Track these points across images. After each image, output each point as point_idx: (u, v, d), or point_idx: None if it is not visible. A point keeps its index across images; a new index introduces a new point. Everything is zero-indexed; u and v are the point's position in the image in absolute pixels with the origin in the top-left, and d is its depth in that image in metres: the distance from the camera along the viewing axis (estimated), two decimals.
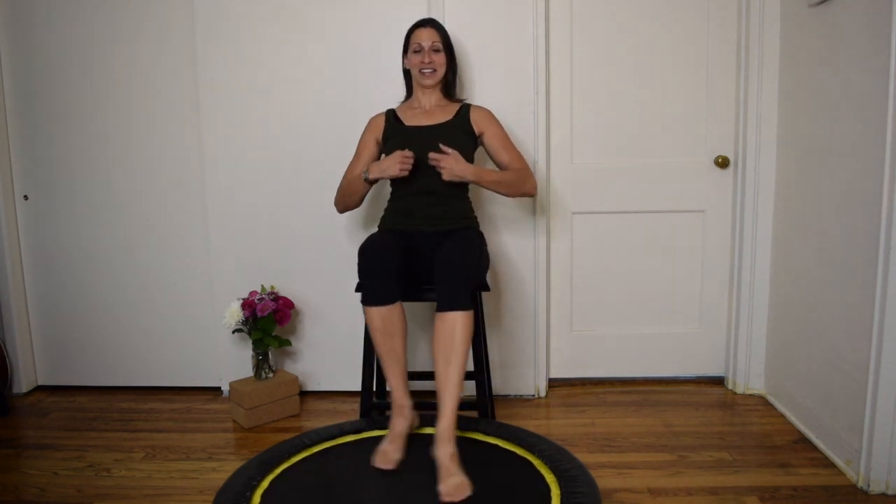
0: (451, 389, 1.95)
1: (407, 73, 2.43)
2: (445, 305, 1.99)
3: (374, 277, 2.07)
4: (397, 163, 2.18)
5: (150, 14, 2.78)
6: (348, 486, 2.00)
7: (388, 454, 1.98)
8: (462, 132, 2.32)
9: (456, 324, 1.97)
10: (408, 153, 2.18)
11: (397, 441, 2.01)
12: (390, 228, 2.32)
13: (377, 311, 2.07)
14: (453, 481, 1.84)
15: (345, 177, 2.40)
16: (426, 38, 2.31)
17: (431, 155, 2.17)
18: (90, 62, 2.83)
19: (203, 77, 2.73)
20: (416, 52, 2.32)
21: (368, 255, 2.10)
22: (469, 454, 2.05)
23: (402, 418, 2.05)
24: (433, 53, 2.31)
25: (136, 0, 2.77)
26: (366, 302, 2.09)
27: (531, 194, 2.37)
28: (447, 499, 1.81)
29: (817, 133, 2.34)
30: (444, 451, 1.89)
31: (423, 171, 2.25)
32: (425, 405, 2.62)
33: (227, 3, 2.69)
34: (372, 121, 2.42)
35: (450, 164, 2.16)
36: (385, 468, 1.96)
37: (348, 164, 2.41)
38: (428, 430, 2.25)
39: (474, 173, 2.22)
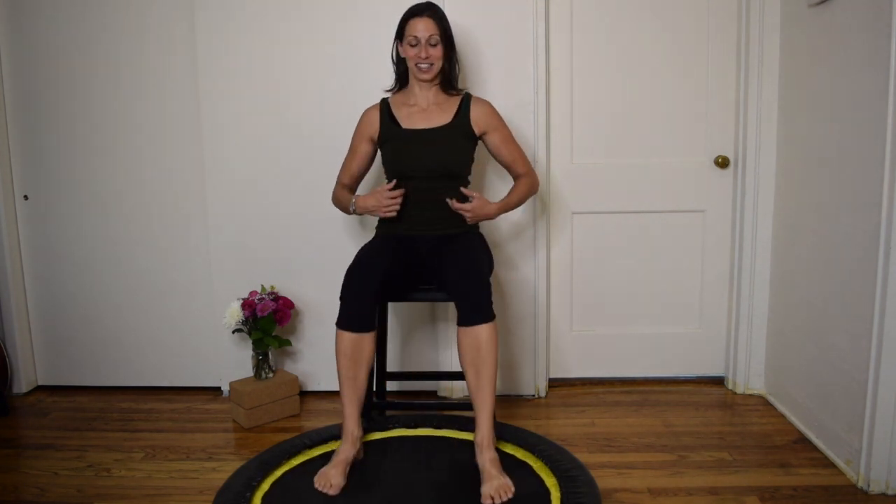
0: (485, 400, 1.99)
1: (400, 61, 2.31)
2: (468, 320, 1.99)
3: (352, 303, 2.05)
4: (382, 207, 2.17)
5: (150, 13, 2.77)
6: (348, 485, 2.00)
7: (331, 478, 1.96)
8: (461, 135, 2.27)
9: (480, 337, 1.98)
10: (393, 195, 2.16)
11: (341, 466, 1.99)
12: (388, 232, 2.30)
13: (349, 337, 2.05)
14: (495, 483, 1.89)
15: (339, 180, 2.39)
16: (423, 29, 2.18)
17: (455, 206, 2.15)
18: (90, 62, 2.83)
19: (203, 77, 2.73)
20: (411, 45, 2.20)
21: (354, 274, 2.08)
22: (469, 454, 2.05)
23: (350, 446, 2.04)
24: (430, 48, 2.19)
25: (136, 1, 2.77)
26: (340, 325, 2.07)
27: (534, 194, 2.39)
28: (488, 501, 1.86)
29: (817, 133, 2.34)
30: (486, 457, 1.94)
31: (420, 179, 2.23)
32: (406, 405, 2.64)
33: (228, 3, 2.69)
34: (365, 115, 2.34)
35: (476, 212, 2.17)
36: (327, 492, 1.93)
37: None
38: (421, 433, 2.25)
39: (499, 210, 2.25)
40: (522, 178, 2.34)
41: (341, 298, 2.08)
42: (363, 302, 2.05)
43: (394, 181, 2.20)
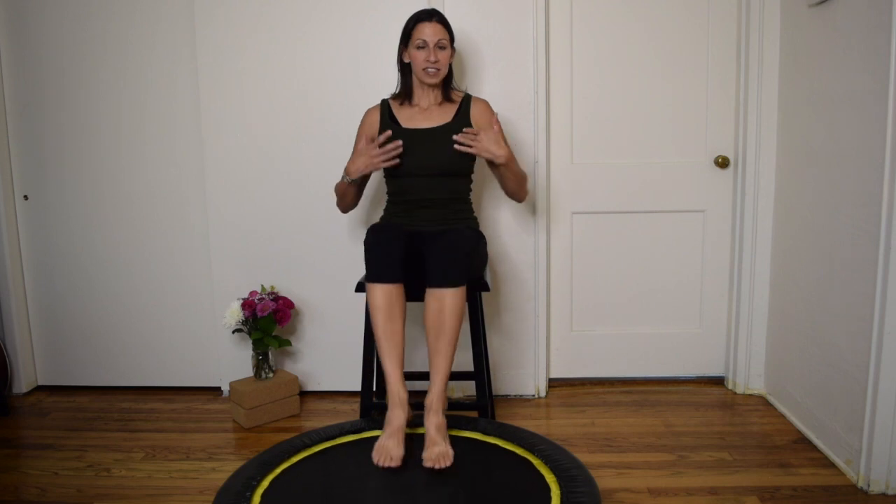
0: (440, 364, 1.95)
1: (404, 66, 2.30)
2: (434, 282, 1.96)
3: (382, 254, 2.01)
4: (374, 160, 2.14)
5: (149, 14, 2.77)
6: (348, 486, 2.00)
7: (390, 449, 1.88)
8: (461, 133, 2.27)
9: (444, 300, 1.94)
10: (373, 148, 2.13)
11: (397, 435, 1.89)
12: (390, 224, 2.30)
13: (381, 289, 1.99)
14: (437, 450, 1.86)
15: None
16: (431, 33, 2.18)
17: (465, 131, 2.13)
18: (90, 62, 2.83)
19: (204, 77, 2.73)
20: (419, 48, 2.19)
21: (377, 236, 2.06)
22: (469, 454, 2.05)
23: (400, 410, 1.93)
24: (439, 51, 2.19)
25: (136, 0, 2.77)
26: (371, 278, 2.00)
27: (522, 199, 2.38)
28: (429, 464, 1.84)
29: (817, 133, 2.34)
30: (431, 422, 1.90)
31: (420, 178, 2.23)
32: (414, 406, 2.63)
33: (229, 2, 2.69)
34: (366, 116, 2.35)
35: (482, 141, 2.12)
36: (388, 465, 1.85)
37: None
38: (421, 431, 2.25)
39: (508, 155, 2.18)
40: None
41: (368, 253, 2.03)
42: (392, 253, 2.01)
43: (387, 133, 2.17)
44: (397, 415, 1.93)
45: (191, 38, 2.74)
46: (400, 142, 2.16)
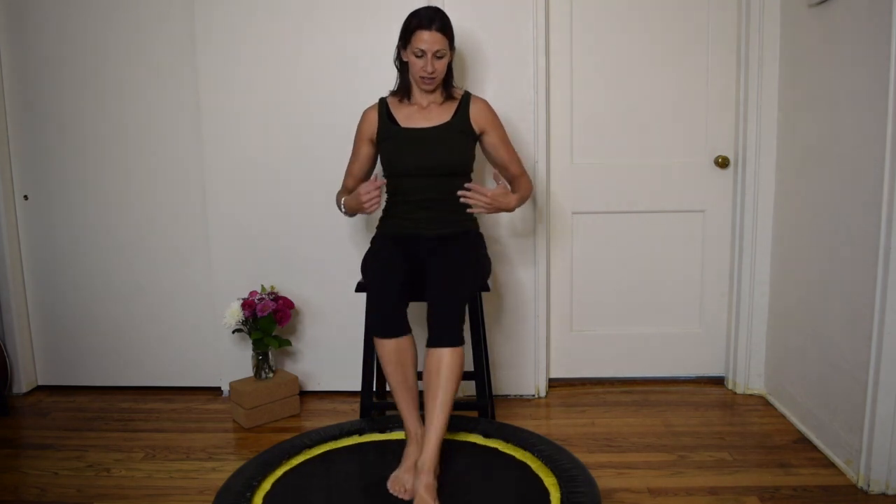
0: (433, 423, 1.92)
1: (402, 64, 2.26)
2: (434, 341, 1.98)
3: (384, 308, 2.04)
4: (363, 203, 2.12)
5: (149, 14, 2.77)
6: (348, 486, 2.00)
7: (405, 482, 1.92)
8: (460, 132, 2.25)
9: (442, 360, 1.95)
10: (366, 188, 2.10)
11: (412, 471, 1.93)
12: (388, 233, 2.30)
13: (389, 344, 2.04)
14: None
15: (343, 183, 2.40)
16: (430, 43, 2.13)
17: (475, 188, 2.09)
18: (90, 62, 2.83)
19: (203, 77, 2.73)
20: (417, 56, 2.15)
21: (377, 284, 2.07)
22: (469, 454, 2.05)
23: (416, 447, 1.99)
24: (436, 61, 2.15)
25: (137, 1, 2.77)
26: (377, 334, 2.05)
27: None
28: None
29: (817, 133, 2.34)
30: (421, 482, 1.86)
31: (419, 178, 2.23)
32: None
33: (229, 2, 2.69)
34: (365, 116, 2.33)
35: (497, 200, 2.11)
36: (402, 497, 1.89)
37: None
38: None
39: (518, 202, 2.22)
40: (521, 178, 2.34)
41: (371, 308, 2.07)
42: (395, 305, 2.04)
43: (374, 177, 2.16)
44: (414, 451, 1.99)
45: (191, 39, 2.73)
46: (382, 181, 2.15)
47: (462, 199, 2.09)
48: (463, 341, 1.99)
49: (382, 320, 2.04)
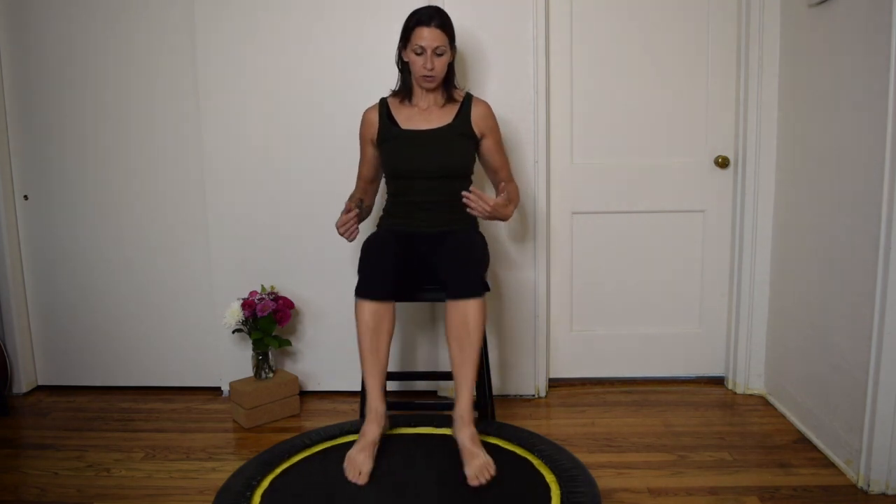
0: (466, 375, 1.95)
1: (403, 64, 2.26)
2: (456, 293, 1.96)
3: (373, 270, 2.03)
4: (342, 235, 2.15)
5: (149, 14, 2.77)
6: (348, 486, 2.00)
7: (360, 463, 1.89)
8: (461, 135, 2.25)
9: (468, 311, 1.95)
10: (340, 221, 2.13)
11: (369, 449, 1.92)
12: (389, 227, 2.30)
13: (370, 306, 2.01)
14: (477, 463, 1.87)
15: (356, 184, 2.42)
16: (430, 40, 2.13)
17: (476, 192, 2.06)
18: (90, 62, 2.83)
19: (203, 77, 2.73)
20: (417, 53, 2.16)
21: (371, 248, 2.07)
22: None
23: (375, 425, 1.96)
24: (436, 58, 2.16)
25: (137, 1, 2.77)
26: (360, 294, 2.02)
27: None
28: (474, 482, 1.84)
29: (817, 133, 2.34)
30: (465, 434, 1.91)
31: (420, 180, 2.23)
32: (406, 405, 2.64)
33: (228, 3, 2.69)
34: (365, 117, 2.32)
35: (497, 209, 2.09)
36: (355, 481, 1.86)
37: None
38: (421, 431, 2.25)
39: (512, 213, 2.24)
40: (509, 184, 2.34)
41: (361, 267, 2.05)
42: (384, 270, 2.03)
43: (346, 208, 2.16)
44: (372, 429, 1.96)
45: (191, 39, 2.74)
46: (356, 211, 2.15)
47: (464, 200, 2.08)
48: (484, 292, 1.99)
49: (369, 279, 2.01)
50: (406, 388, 2.88)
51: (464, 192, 2.06)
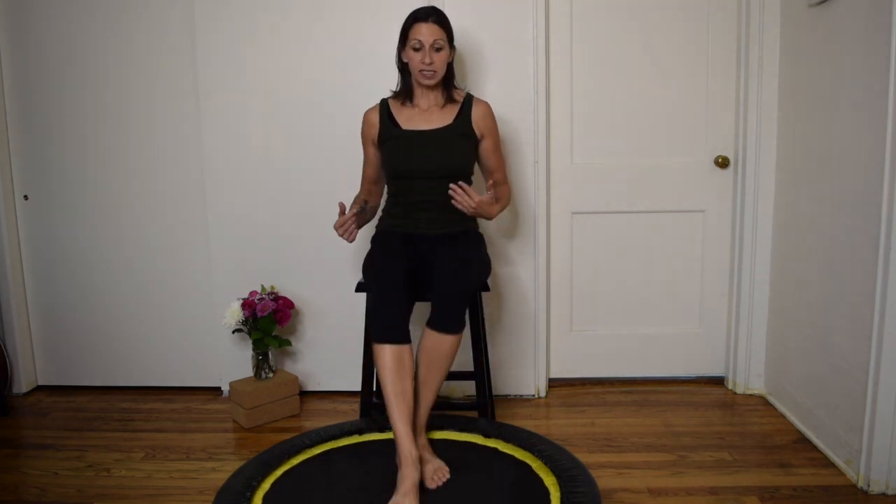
0: (427, 395, 2.08)
1: (403, 65, 2.26)
2: (439, 326, 2.03)
3: (389, 314, 2.00)
4: (341, 236, 2.16)
5: (149, 14, 2.77)
6: (348, 486, 2.00)
7: None
8: (461, 135, 2.25)
9: (444, 344, 2.04)
10: (338, 223, 2.13)
11: (412, 493, 1.84)
12: (388, 228, 2.30)
13: (390, 350, 1.99)
14: (430, 467, 1.97)
15: (361, 185, 2.42)
16: (427, 34, 2.14)
17: (464, 187, 2.07)
18: (90, 62, 2.83)
19: (203, 77, 2.73)
20: (415, 49, 2.16)
21: (379, 290, 2.03)
22: (469, 454, 2.05)
23: (412, 469, 1.87)
24: (434, 53, 2.16)
25: (136, 0, 2.77)
26: (379, 339, 2.00)
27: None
28: (431, 485, 1.93)
29: (817, 133, 2.34)
30: (419, 443, 2.02)
31: (420, 180, 2.23)
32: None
33: (228, 4, 2.69)
34: (366, 118, 2.32)
35: (482, 207, 2.09)
36: None
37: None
38: (436, 435, 2.25)
39: (499, 212, 2.26)
40: (503, 186, 2.34)
41: (374, 312, 2.02)
42: (397, 313, 2.02)
43: (342, 209, 2.16)
44: (410, 473, 1.87)
45: (191, 39, 2.73)
46: (352, 213, 2.15)
47: (450, 192, 2.07)
48: (463, 326, 2.07)
49: (384, 328, 2.00)
50: None
51: (451, 185, 2.07)
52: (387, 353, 1.99)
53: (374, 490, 1.93)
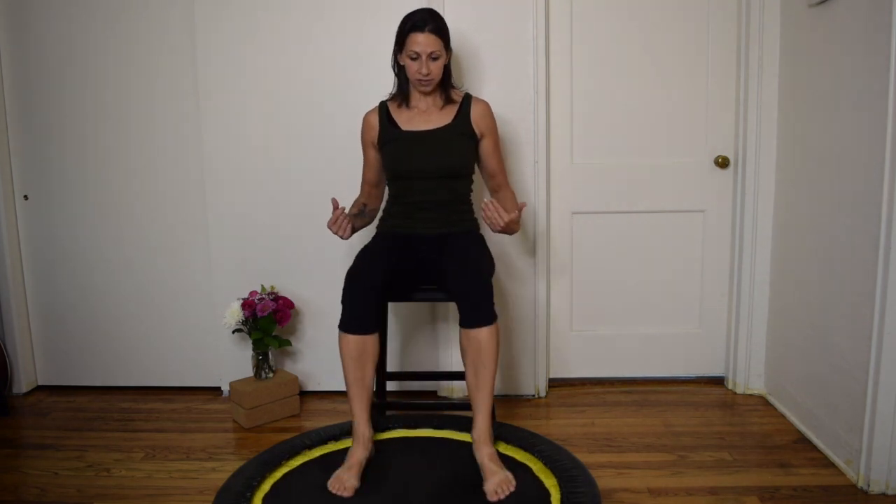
0: (483, 399, 2.00)
1: (400, 68, 2.25)
2: (470, 322, 1.99)
3: (354, 306, 2.04)
4: (336, 234, 2.16)
5: (149, 14, 2.77)
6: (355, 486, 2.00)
7: (345, 481, 1.93)
8: (461, 135, 2.24)
9: (481, 339, 1.98)
10: (331, 221, 2.14)
11: (355, 468, 1.97)
12: (388, 230, 2.30)
13: (353, 339, 2.05)
14: (496, 479, 1.90)
15: (361, 188, 2.41)
16: (424, 45, 2.12)
17: (497, 205, 2.06)
18: (90, 62, 2.83)
19: (203, 77, 2.73)
20: (412, 58, 2.15)
21: (354, 281, 2.06)
22: (469, 454, 2.05)
23: (362, 448, 2.03)
24: (431, 62, 2.15)
25: (136, 0, 2.77)
26: (343, 328, 2.06)
27: None
28: (493, 497, 1.87)
29: (817, 133, 2.34)
30: (483, 453, 1.96)
31: (420, 181, 2.22)
32: (406, 405, 2.64)
33: (228, 4, 2.69)
34: (366, 120, 2.32)
35: (510, 225, 2.09)
36: (341, 494, 1.91)
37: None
38: (421, 433, 2.25)
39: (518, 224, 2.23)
40: (506, 189, 2.34)
41: (343, 302, 2.06)
42: (366, 304, 2.04)
43: (335, 204, 2.16)
44: (359, 451, 2.02)
45: (191, 39, 2.73)
46: (342, 208, 2.15)
47: (482, 207, 2.08)
48: (496, 316, 2.01)
49: (349, 317, 2.05)
50: (406, 388, 2.88)
51: (484, 200, 2.08)
52: (350, 343, 2.05)
53: (374, 490, 1.93)
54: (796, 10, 2.46)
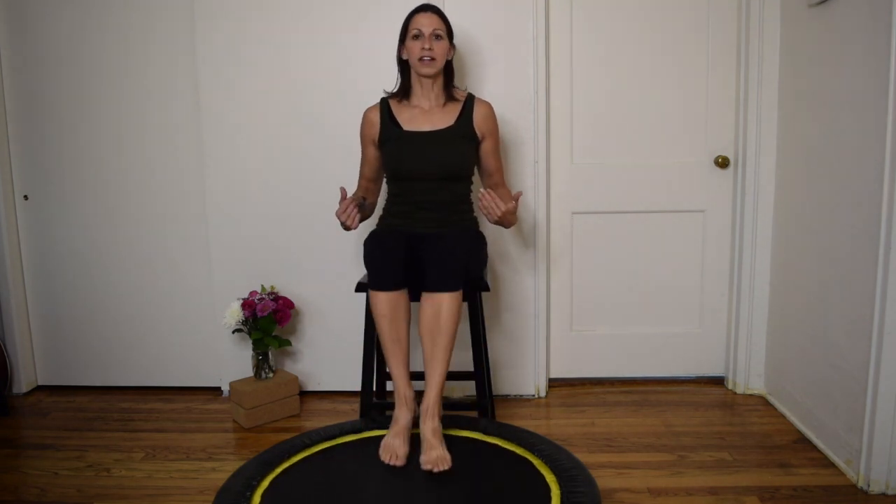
0: (436, 369, 1.96)
1: (402, 64, 2.28)
2: (432, 286, 1.96)
3: (384, 261, 2.01)
4: (344, 223, 2.12)
5: (149, 13, 2.77)
6: (349, 485, 2.00)
7: (395, 448, 1.91)
8: (463, 137, 2.25)
9: (441, 304, 1.94)
10: (339, 210, 2.09)
11: (403, 434, 1.92)
12: (388, 228, 2.30)
13: (385, 297, 2.00)
14: (434, 454, 1.88)
15: (358, 184, 2.41)
16: (427, 23, 2.17)
17: (496, 194, 2.07)
18: (90, 62, 2.83)
19: (204, 77, 2.73)
20: (415, 37, 2.18)
21: (376, 241, 2.07)
22: (469, 454, 2.05)
23: (406, 410, 1.96)
24: (434, 40, 2.17)
25: (136, 1, 2.77)
26: (374, 286, 2.01)
27: None
28: (427, 467, 1.86)
29: (817, 133, 2.34)
30: (428, 426, 1.92)
31: (421, 181, 2.22)
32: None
33: (228, 4, 2.69)
34: (366, 117, 2.32)
35: (507, 216, 2.09)
36: (393, 464, 1.88)
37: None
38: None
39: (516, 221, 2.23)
40: (502, 188, 2.34)
41: (368, 263, 2.04)
42: (393, 260, 2.02)
43: (342, 194, 2.15)
44: (404, 414, 1.96)
45: (190, 39, 2.73)
46: (350, 198, 2.13)
47: (479, 197, 2.08)
48: (460, 287, 1.97)
49: (377, 274, 2.01)
50: None
51: (481, 190, 2.07)
52: (381, 300, 1.99)
53: (374, 490, 1.93)
54: (796, 10, 2.46)
